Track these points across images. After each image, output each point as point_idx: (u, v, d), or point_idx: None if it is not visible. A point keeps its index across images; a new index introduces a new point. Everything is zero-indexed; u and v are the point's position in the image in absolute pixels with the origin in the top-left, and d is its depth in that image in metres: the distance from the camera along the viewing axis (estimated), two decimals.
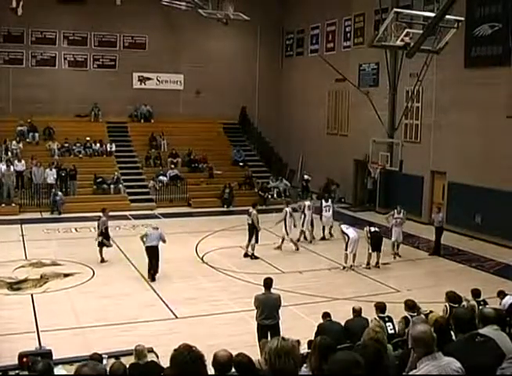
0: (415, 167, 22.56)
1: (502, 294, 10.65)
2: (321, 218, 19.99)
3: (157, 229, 15.63)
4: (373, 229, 16.88)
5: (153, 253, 15.17)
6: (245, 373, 4.25)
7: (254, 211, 17.53)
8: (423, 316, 8.65)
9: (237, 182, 26.91)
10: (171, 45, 30.17)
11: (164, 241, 15.30)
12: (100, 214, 17.29)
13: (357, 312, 9.28)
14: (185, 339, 4.42)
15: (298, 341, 7.09)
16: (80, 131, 27.62)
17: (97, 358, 7.34)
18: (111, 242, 17.03)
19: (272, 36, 31.98)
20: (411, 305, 9.19)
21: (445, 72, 21.14)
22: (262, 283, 10.38)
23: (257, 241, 17.40)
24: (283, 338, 3.64)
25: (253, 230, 17.38)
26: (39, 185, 24.30)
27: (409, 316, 8.84)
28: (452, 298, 9.24)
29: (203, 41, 30.47)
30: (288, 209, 18.48)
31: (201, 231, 20.26)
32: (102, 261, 16.48)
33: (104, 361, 7.60)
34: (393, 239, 17.57)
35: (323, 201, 20.44)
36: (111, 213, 20.92)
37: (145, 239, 15.24)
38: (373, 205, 25.01)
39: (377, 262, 16.58)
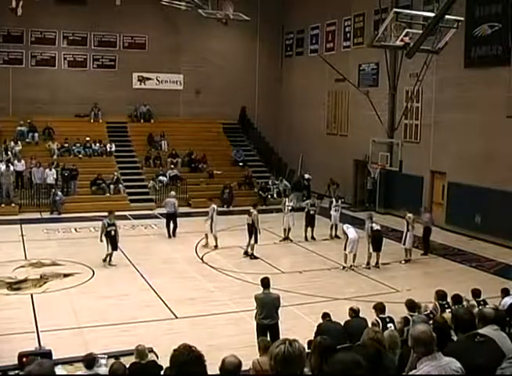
0: (415, 167, 22.56)
1: (504, 292, 10.63)
2: (330, 218, 20.09)
3: (174, 197, 20.13)
4: (375, 226, 16.77)
5: (171, 218, 19.68)
6: None
7: (255, 212, 17.56)
8: (423, 315, 8.66)
9: (237, 182, 26.92)
10: (171, 45, 30.16)
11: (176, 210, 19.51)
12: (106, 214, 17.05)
13: (355, 312, 9.26)
14: (184, 339, 4.42)
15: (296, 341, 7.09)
16: (79, 132, 27.61)
17: (91, 358, 7.34)
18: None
19: (271, 36, 31.97)
20: (410, 305, 9.23)
21: (445, 72, 21.14)
22: (260, 283, 10.39)
23: (256, 241, 17.41)
24: (291, 343, 3.47)
25: (252, 230, 17.39)
26: (39, 185, 24.30)
27: (409, 316, 8.85)
28: (441, 296, 9.80)
29: (202, 41, 30.47)
30: (214, 206, 18.74)
31: (201, 231, 20.22)
32: (105, 260, 16.22)
33: (104, 361, 7.61)
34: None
35: (334, 201, 20.60)
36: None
37: (164, 206, 20.02)
38: (372, 205, 25.00)
39: (377, 262, 16.57)
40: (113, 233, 16.24)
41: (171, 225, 19.79)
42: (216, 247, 18.35)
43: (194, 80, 30.57)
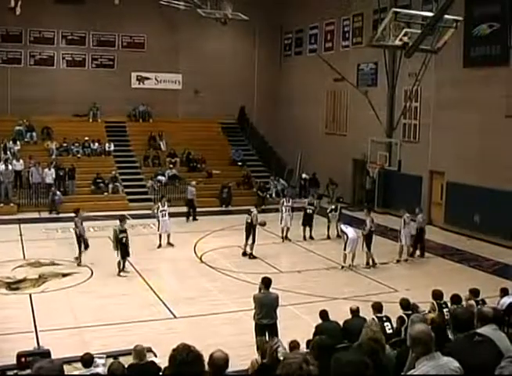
0: (413, 167, 22.56)
1: (503, 292, 10.63)
2: (328, 218, 20.06)
3: (194, 186, 22.92)
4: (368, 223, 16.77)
5: (191, 204, 22.56)
6: None
7: (255, 211, 17.60)
8: (421, 315, 8.66)
9: (236, 181, 26.91)
10: (170, 44, 30.16)
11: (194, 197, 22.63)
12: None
13: (354, 312, 9.28)
14: (183, 339, 4.42)
15: (297, 342, 7.10)
16: (78, 131, 27.58)
17: (88, 358, 7.33)
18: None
19: (270, 36, 31.96)
20: (405, 305, 9.24)
21: (444, 72, 21.14)
22: (261, 282, 10.37)
23: (254, 241, 17.40)
24: (307, 362, 3.38)
25: (250, 229, 17.40)
26: (37, 184, 24.28)
27: (405, 316, 8.86)
28: (437, 295, 9.85)
29: (201, 41, 30.45)
30: (159, 204, 18.93)
31: (200, 231, 20.26)
32: (120, 271, 15.52)
33: (103, 361, 7.61)
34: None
35: (333, 207, 20.41)
36: (110, 213, 20.97)
37: (185, 193, 23.09)
38: (371, 205, 24.98)
39: (373, 261, 16.58)
40: (124, 240, 15.69)
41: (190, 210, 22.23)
42: (160, 246, 18.28)
43: (193, 79, 30.55)
